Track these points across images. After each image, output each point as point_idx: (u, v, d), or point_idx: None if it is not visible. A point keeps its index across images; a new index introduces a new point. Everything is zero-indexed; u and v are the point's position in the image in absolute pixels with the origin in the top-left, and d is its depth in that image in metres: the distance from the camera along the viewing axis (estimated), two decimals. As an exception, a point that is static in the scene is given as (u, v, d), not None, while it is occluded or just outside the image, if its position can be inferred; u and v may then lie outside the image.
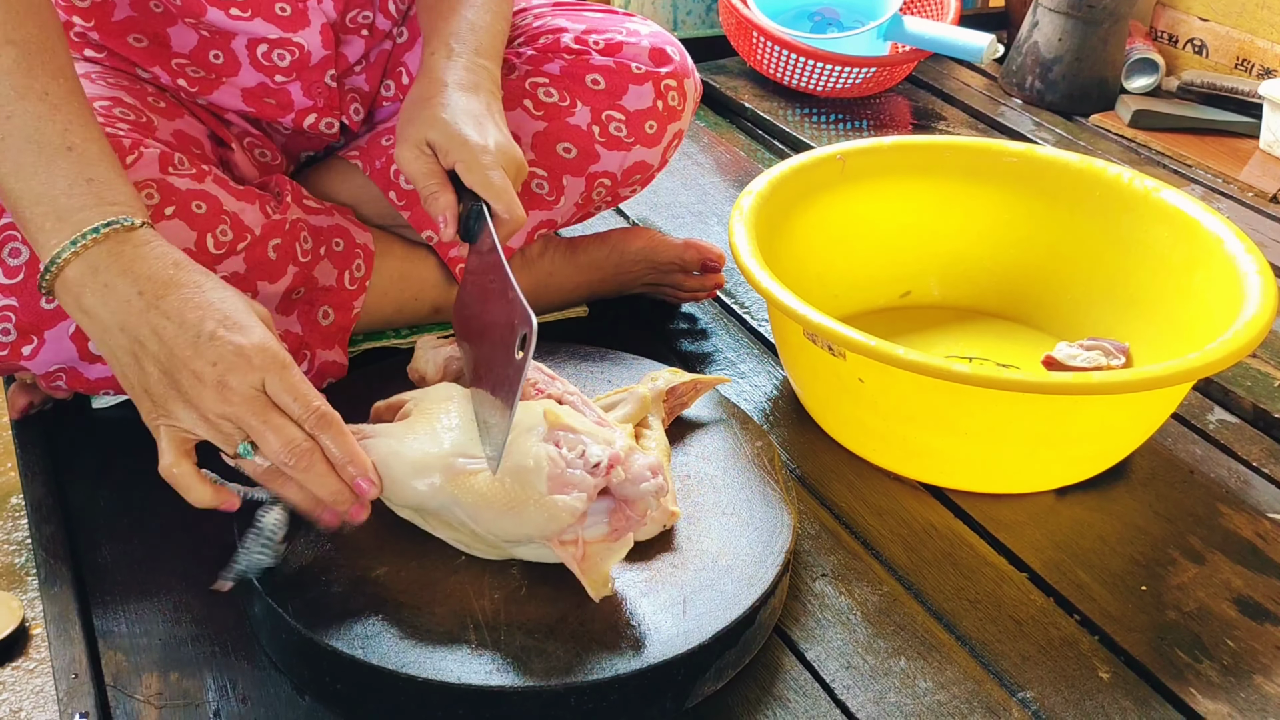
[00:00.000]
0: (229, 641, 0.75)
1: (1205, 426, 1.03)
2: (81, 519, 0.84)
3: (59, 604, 0.76)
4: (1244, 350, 0.85)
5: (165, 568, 0.80)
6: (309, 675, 0.71)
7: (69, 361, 0.82)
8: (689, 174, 1.43)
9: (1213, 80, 1.63)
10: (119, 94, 0.88)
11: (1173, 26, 1.77)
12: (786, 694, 0.74)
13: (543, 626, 0.71)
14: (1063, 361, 0.98)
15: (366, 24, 0.98)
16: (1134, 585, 0.85)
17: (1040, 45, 1.66)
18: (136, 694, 0.71)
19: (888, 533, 0.88)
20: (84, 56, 0.93)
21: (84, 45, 0.93)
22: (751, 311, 1.16)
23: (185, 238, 0.83)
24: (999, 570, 0.86)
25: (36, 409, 0.92)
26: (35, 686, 0.72)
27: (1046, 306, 1.12)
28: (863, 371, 0.87)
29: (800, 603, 0.81)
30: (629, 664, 0.68)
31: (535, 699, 0.67)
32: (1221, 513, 0.93)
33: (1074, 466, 0.93)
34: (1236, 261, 0.95)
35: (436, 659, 0.68)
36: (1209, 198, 1.44)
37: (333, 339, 0.94)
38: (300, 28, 0.93)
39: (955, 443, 0.89)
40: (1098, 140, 1.59)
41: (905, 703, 0.74)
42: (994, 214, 1.12)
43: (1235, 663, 0.79)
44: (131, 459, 0.89)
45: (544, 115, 1.02)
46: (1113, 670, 0.78)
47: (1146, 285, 1.04)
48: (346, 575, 0.73)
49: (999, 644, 0.79)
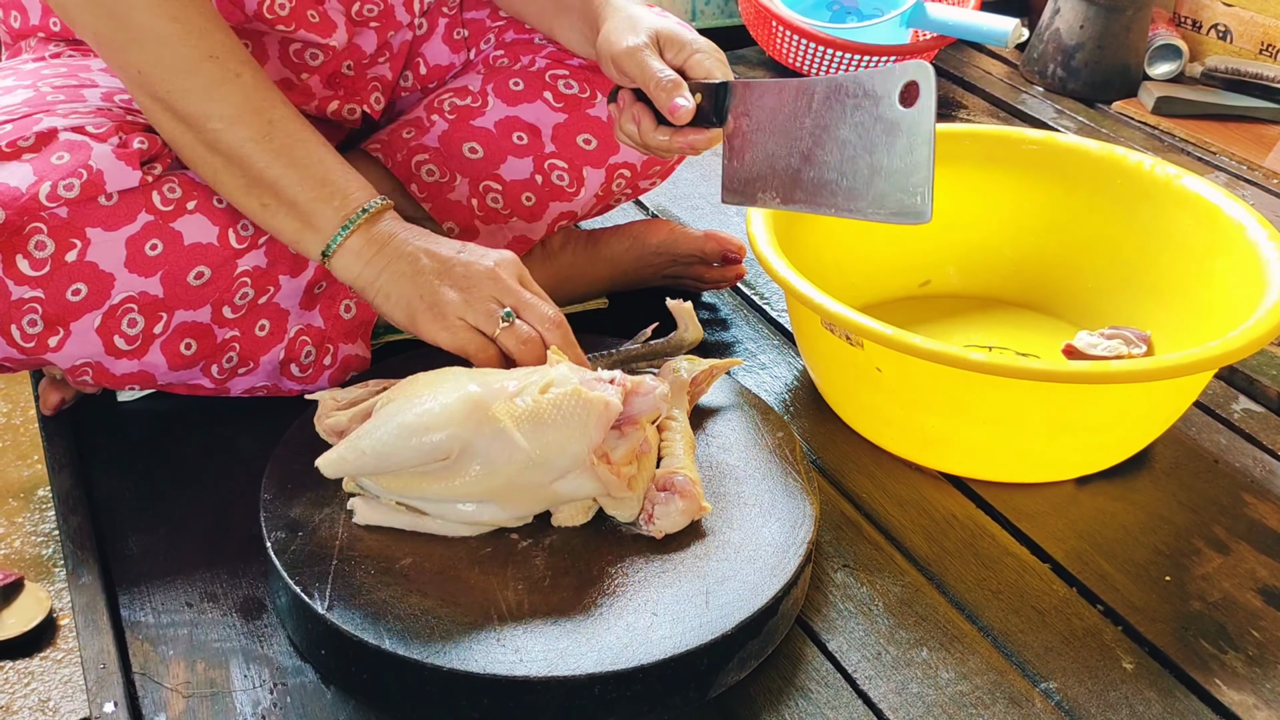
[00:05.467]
0: (255, 631, 0.76)
1: (1230, 415, 1.02)
2: (108, 510, 0.85)
3: (86, 594, 0.77)
4: (1266, 338, 0.85)
5: (191, 558, 0.81)
6: (334, 665, 0.72)
7: (95, 356, 0.83)
8: (708, 165, 1.43)
9: (1237, 66, 1.62)
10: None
11: (1196, 12, 1.75)
12: (809, 684, 0.75)
13: (566, 616, 0.71)
14: (1083, 350, 0.97)
15: (373, 15, 0.98)
16: (1158, 575, 0.85)
17: (1062, 32, 1.64)
18: (164, 683, 0.72)
19: (909, 523, 0.88)
20: None
21: None
22: (771, 302, 1.16)
23: (208, 232, 0.83)
24: (1021, 560, 0.86)
25: (68, 404, 0.93)
26: (64, 676, 0.73)
27: (1067, 295, 1.12)
28: (880, 361, 0.87)
29: (822, 593, 0.81)
30: (652, 653, 0.69)
31: (559, 688, 0.68)
32: (1247, 502, 0.92)
33: (1095, 455, 0.93)
34: (1259, 248, 0.94)
35: (461, 649, 0.68)
36: (1233, 185, 1.43)
37: (355, 332, 0.94)
38: (330, 31, 0.94)
39: (975, 432, 0.89)
40: (1120, 127, 1.57)
41: (927, 693, 0.74)
42: (1014, 202, 1.12)
43: (1261, 653, 0.79)
44: (156, 450, 0.90)
45: (564, 107, 1.02)
46: (1136, 661, 0.78)
47: (1168, 273, 1.04)
48: (372, 566, 0.74)
49: (1021, 634, 0.79)
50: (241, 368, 0.89)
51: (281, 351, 0.90)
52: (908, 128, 0.75)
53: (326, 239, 0.81)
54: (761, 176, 0.83)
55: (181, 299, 0.84)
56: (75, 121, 0.81)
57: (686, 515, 0.77)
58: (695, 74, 0.85)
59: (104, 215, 0.80)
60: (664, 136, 0.85)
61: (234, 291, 0.86)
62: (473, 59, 1.09)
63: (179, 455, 0.90)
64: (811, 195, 0.81)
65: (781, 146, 0.82)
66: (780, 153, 0.82)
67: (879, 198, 0.77)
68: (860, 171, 0.78)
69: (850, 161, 0.78)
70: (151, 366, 0.85)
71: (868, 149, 0.77)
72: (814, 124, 0.80)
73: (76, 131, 0.80)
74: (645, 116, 0.86)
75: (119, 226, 0.81)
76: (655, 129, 0.86)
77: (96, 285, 0.81)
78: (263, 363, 0.90)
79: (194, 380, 0.89)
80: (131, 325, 0.83)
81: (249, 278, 0.86)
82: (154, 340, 0.84)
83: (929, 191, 0.75)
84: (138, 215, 0.81)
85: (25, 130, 0.79)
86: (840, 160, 0.79)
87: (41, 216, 0.78)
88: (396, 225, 0.83)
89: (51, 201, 0.78)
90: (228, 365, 0.89)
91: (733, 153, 0.85)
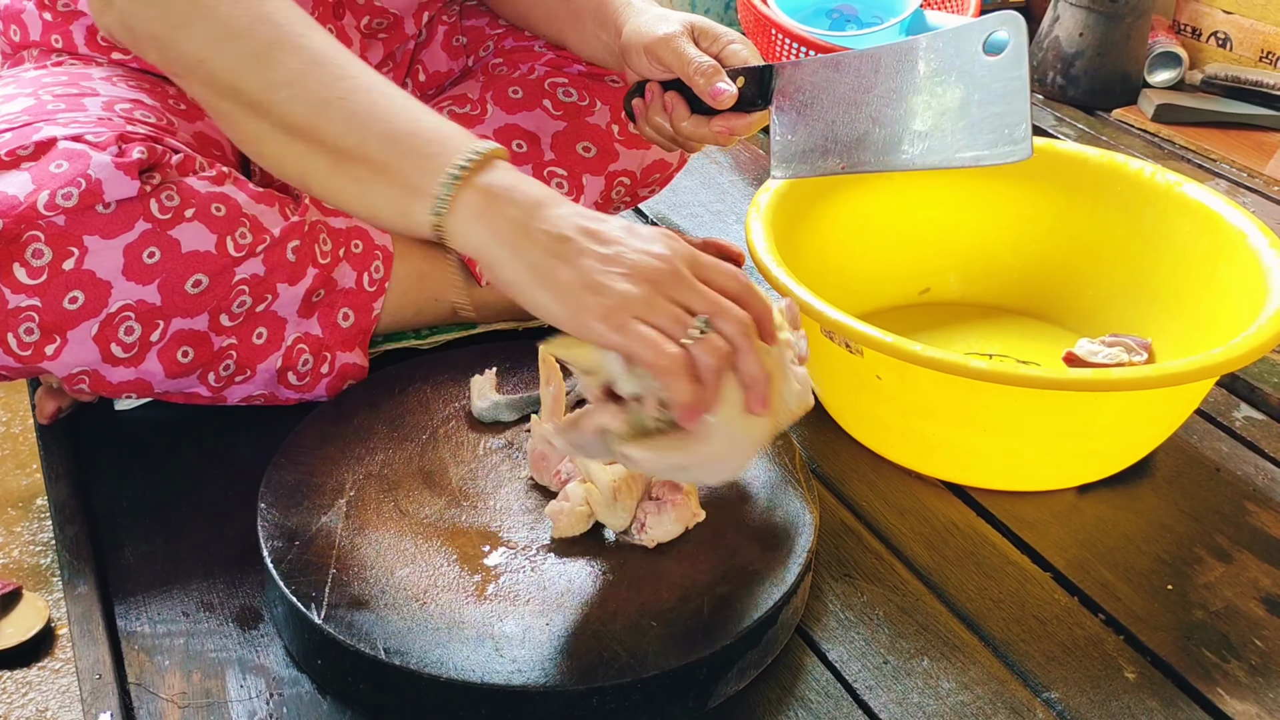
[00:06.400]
0: (251, 642, 0.75)
1: (1231, 423, 1.02)
2: (105, 520, 0.85)
3: (82, 604, 0.77)
4: (1268, 345, 0.84)
5: (187, 568, 0.80)
6: (331, 675, 0.72)
7: (92, 364, 0.83)
8: (707, 173, 1.43)
9: (1237, 74, 1.62)
10: (140, 96, 0.89)
11: (1196, 19, 1.75)
12: (808, 694, 0.74)
13: (565, 626, 0.71)
14: (1084, 358, 0.97)
15: (382, 28, 0.98)
16: (1159, 584, 0.84)
17: (1062, 40, 1.64)
18: (160, 694, 0.71)
19: (909, 531, 0.88)
20: (110, 59, 0.94)
21: (112, 48, 0.94)
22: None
23: (205, 240, 0.83)
24: (1022, 569, 0.85)
25: (65, 413, 0.93)
26: (61, 686, 0.73)
27: (1068, 302, 1.12)
28: (880, 368, 0.87)
29: (822, 602, 0.81)
30: (651, 664, 0.68)
31: (558, 699, 0.67)
32: (1249, 510, 0.92)
33: (1096, 463, 0.92)
34: (1260, 256, 0.94)
35: (459, 659, 0.68)
36: (1234, 192, 1.42)
37: (353, 341, 0.94)
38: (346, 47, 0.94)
39: (975, 440, 0.89)
40: (1121, 135, 1.57)
41: (928, 703, 0.74)
42: (1014, 209, 1.12)
43: (1264, 662, 0.78)
44: (154, 460, 0.90)
45: (564, 114, 1.02)
46: (1139, 670, 0.77)
47: (1169, 281, 1.03)
48: (369, 575, 0.73)
49: (1023, 644, 0.79)
50: (239, 376, 0.89)
51: (279, 359, 0.90)
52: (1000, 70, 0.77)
53: (432, 197, 0.67)
54: (820, 146, 0.86)
55: (179, 307, 0.83)
56: (75, 130, 0.80)
57: (679, 523, 0.77)
58: (731, 63, 0.86)
59: (102, 223, 0.80)
60: (699, 125, 0.86)
61: (232, 299, 0.86)
62: (471, 66, 1.09)
63: (176, 464, 0.90)
64: (881, 154, 0.83)
65: (844, 115, 0.84)
66: (842, 120, 0.84)
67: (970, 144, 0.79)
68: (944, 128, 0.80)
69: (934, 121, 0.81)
70: (148, 374, 0.85)
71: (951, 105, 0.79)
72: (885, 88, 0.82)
73: (76, 140, 0.80)
74: (679, 104, 0.87)
75: (117, 234, 0.80)
76: (689, 116, 0.87)
77: (94, 293, 0.80)
78: (260, 371, 0.89)
79: (191, 388, 0.88)
80: (129, 333, 0.83)
81: (247, 285, 0.86)
82: (151, 348, 0.84)
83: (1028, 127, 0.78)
84: (135, 223, 0.81)
85: (25, 139, 0.79)
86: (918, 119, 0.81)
87: (39, 225, 0.78)
88: (517, 177, 0.68)
89: (50, 210, 0.78)
90: (225, 373, 0.88)
91: (785, 128, 0.87)
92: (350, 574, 0.73)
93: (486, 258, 0.67)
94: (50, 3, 0.93)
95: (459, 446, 0.86)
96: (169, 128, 0.88)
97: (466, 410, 0.89)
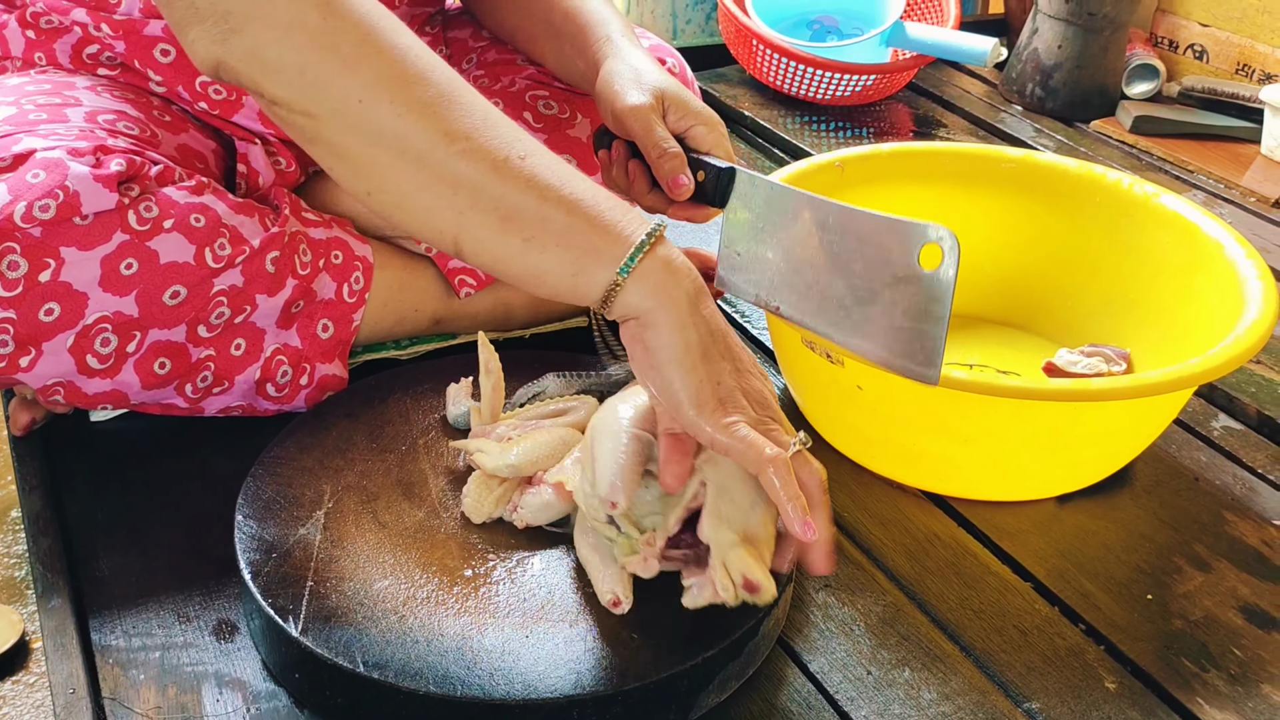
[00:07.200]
0: (228, 655, 0.75)
1: (1209, 433, 1.02)
2: (79, 532, 0.84)
3: (56, 618, 0.76)
4: (1245, 356, 0.85)
5: (163, 581, 0.80)
6: (309, 689, 0.71)
7: (67, 375, 0.82)
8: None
9: (1213, 85, 1.63)
10: (124, 107, 0.88)
11: (1173, 32, 1.77)
12: (790, 706, 0.74)
13: (545, 638, 0.70)
14: (1063, 368, 0.97)
15: None
16: (1139, 594, 0.84)
17: (1040, 52, 1.66)
18: (135, 708, 0.71)
19: (890, 542, 0.88)
20: (96, 75, 0.93)
21: (97, 65, 0.93)
22: (751, 320, 1.15)
23: (184, 251, 0.83)
24: (1003, 579, 0.85)
25: (40, 424, 0.92)
26: (35, 701, 0.72)
27: (1047, 313, 1.12)
28: (861, 379, 0.87)
29: (803, 613, 0.81)
30: (632, 676, 0.68)
31: (537, 712, 0.67)
32: (1227, 520, 0.92)
33: (1076, 473, 0.92)
34: (1237, 266, 0.95)
35: (438, 672, 0.68)
36: (1210, 203, 1.43)
37: (332, 352, 0.93)
38: None
39: (955, 450, 0.89)
40: (1099, 146, 1.58)
41: (910, 714, 0.74)
42: (993, 220, 1.12)
43: (1243, 671, 0.78)
44: (129, 472, 0.89)
45: (544, 127, 1.02)
46: (1119, 680, 0.77)
47: (1147, 291, 1.04)
48: (347, 588, 0.73)
49: (1004, 654, 0.79)
50: (216, 387, 0.88)
51: (257, 371, 0.89)
52: (926, 289, 0.70)
53: (618, 261, 0.68)
54: (764, 278, 0.80)
55: (156, 318, 0.83)
56: (54, 142, 0.80)
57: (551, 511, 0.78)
58: (696, 145, 0.84)
59: (79, 235, 0.79)
60: (658, 201, 0.85)
61: (210, 310, 0.85)
62: (453, 77, 1.09)
63: (152, 476, 0.89)
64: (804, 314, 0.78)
65: (784, 254, 0.78)
66: (782, 260, 0.78)
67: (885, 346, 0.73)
68: (869, 316, 0.74)
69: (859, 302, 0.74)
70: (124, 386, 0.84)
71: (878, 297, 0.73)
72: (824, 247, 0.76)
73: (54, 151, 0.79)
74: (640, 177, 0.86)
75: (94, 246, 0.80)
76: (649, 191, 0.86)
77: (70, 305, 0.80)
78: (238, 382, 0.89)
79: (168, 400, 0.88)
80: (105, 344, 0.82)
81: (225, 296, 0.85)
82: (127, 359, 0.83)
83: (939, 359, 0.70)
84: (113, 235, 0.80)
85: (4, 150, 0.78)
86: (847, 294, 0.75)
87: (15, 237, 0.77)
88: (679, 253, 0.71)
89: (26, 222, 0.77)
90: (202, 385, 0.88)
91: (732, 240, 0.82)
92: (328, 586, 0.73)
93: (652, 319, 0.68)
94: (33, 20, 0.93)
95: (439, 457, 0.85)
96: (152, 139, 0.88)
97: (446, 420, 0.89)
